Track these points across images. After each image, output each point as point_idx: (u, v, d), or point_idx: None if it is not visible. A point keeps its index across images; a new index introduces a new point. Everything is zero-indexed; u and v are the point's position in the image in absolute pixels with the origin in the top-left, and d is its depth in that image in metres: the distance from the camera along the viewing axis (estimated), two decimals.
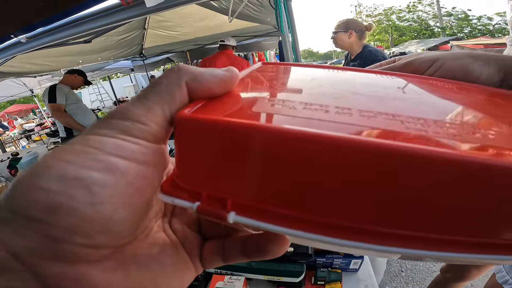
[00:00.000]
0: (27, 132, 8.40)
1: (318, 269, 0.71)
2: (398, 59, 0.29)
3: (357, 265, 0.74)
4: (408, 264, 1.81)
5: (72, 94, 2.46)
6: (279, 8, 1.21)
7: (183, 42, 4.05)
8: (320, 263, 0.73)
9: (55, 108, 2.30)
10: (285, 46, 1.28)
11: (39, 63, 2.64)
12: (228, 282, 0.67)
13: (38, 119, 10.09)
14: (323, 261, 0.73)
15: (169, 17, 2.87)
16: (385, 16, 22.61)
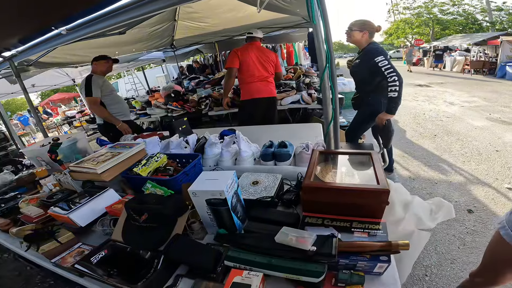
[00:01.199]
0: (69, 119, 9.25)
1: (340, 270, 0.69)
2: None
3: (382, 269, 0.71)
4: (434, 268, 1.75)
5: (106, 85, 2.61)
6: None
7: (211, 34, 4.11)
8: (343, 265, 0.71)
9: (91, 102, 2.48)
10: (317, 37, 1.21)
11: (79, 54, 2.84)
12: (246, 277, 0.67)
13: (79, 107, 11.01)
14: (346, 263, 0.71)
15: (198, 8, 2.93)
16: (426, 9, 21.36)
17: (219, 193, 0.82)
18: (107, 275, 0.73)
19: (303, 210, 0.92)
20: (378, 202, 0.81)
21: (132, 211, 0.87)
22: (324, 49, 1.23)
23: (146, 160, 1.32)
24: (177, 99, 3.82)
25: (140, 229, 0.88)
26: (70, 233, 1.02)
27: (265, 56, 2.66)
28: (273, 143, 1.56)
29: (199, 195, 0.85)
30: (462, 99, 7.16)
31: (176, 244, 0.78)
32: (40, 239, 0.97)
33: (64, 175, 1.47)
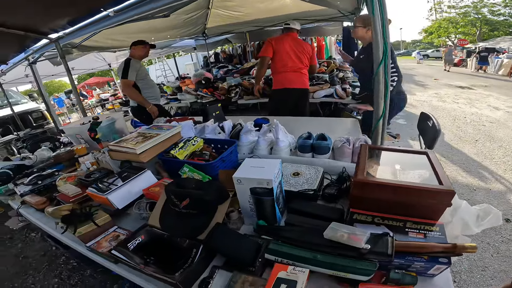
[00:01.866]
0: (103, 101, 9.77)
1: (392, 270, 0.65)
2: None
3: (438, 271, 0.67)
4: (464, 274, 1.71)
5: (142, 69, 2.69)
6: None
7: (243, 23, 4.09)
8: (396, 264, 0.67)
9: (125, 84, 2.57)
10: (374, 30, 1.17)
11: (118, 39, 2.94)
12: (292, 273, 0.63)
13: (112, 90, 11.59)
14: (400, 263, 0.67)
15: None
16: (474, 9, 19.86)
17: (267, 182, 0.77)
18: (143, 263, 0.70)
19: (350, 206, 0.86)
20: (440, 203, 0.77)
21: (173, 195, 0.83)
22: (382, 42, 1.18)
23: (183, 143, 1.30)
24: (207, 86, 3.85)
25: (179, 215, 0.84)
26: (107, 215, 0.99)
27: (301, 48, 2.60)
28: (312, 135, 1.48)
29: (244, 182, 0.80)
30: (508, 104, 6.55)
31: (217, 233, 0.74)
32: (77, 221, 0.94)
33: (103, 153, 1.50)
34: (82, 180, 1.31)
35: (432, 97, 7.62)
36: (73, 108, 10.50)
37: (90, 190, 1.08)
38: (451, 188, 0.76)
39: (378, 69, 1.20)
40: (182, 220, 0.83)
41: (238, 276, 0.68)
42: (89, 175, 1.34)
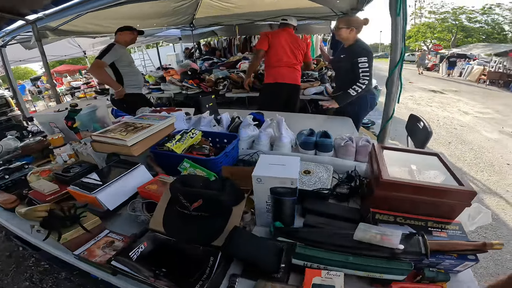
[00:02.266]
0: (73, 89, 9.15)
1: (426, 268, 0.66)
2: None
3: (465, 268, 0.70)
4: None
5: (126, 56, 2.54)
6: None
7: (234, 16, 3.96)
8: (426, 263, 0.67)
9: (96, 64, 2.39)
10: (395, 32, 1.18)
11: (101, 24, 2.74)
12: (327, 278, 0.60)
13: (85, 79, 10.93)
14: (430, 261, 0.68)
15: None
16: (453, 15, 20.67)
17: (291, 181, 0.69)
18: (153, 275, 0.59)
19: (371, 206, 0.82)
20: (462, 203, 0.78)
21: (182, 195, 0.71)
22: (401, 45, 1.21)
23: (180, 135, 1.17)
24: (193, 77, 3.67)
25: (187, 218, 0.73)
26: (97, 218, 0.82)
27: (296, 44, 2.59)
28: (314, 132, 1.43)
29: (264, 181, 0.71)
30: (476, 109, 7.06)
31: (237, 238, 0.64)
32: (60, 225, 0.76)
33: (84, 145, 1.32)
34: (59, 176, 1.13)
35: (408, 100, 7.98)
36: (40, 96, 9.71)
37: (72, 188, 0.92)
38: (473, 189, 0.76)
39: (394, 70, 1.21)
40: (192, 224, 0.71)
41: (263, 284, 0.62)
42: (67, 169, 1.16)
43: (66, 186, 1.02)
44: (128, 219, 0.90)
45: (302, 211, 0.88)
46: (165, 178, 0.96)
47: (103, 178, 0.94)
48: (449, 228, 0.77)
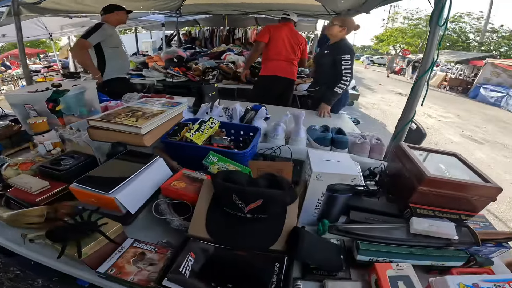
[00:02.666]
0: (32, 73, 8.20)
1: (476, 255, 0.72)
2: None
3: (500, 254, 0.77)
4: None
5: (115, 37, 2.33)
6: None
7: (226, 5, 3.80)
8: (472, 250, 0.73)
9: (80, 44, 2.16)
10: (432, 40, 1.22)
11: (87, 4, 2.42)
12: (399, 270, 0.60)
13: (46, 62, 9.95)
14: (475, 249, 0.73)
15: None
16: (425, 22, 21.24)
17: (352, 178, 0.65)
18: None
19: (410, 201, 0.84)
20: (488, 198, 0.83)
21: (236, 195, 0.61)
22: (435, 53, 1.24)
23: (198, 124, 1.06)
24: (179, 64, 3.45)
25: (240, 221, 0.63)
26: (118, 224, 0.66)
27: (296, 39, 2.59)
28: (329, 128, 1.40)
29: (324, 178, 0.66)
30: (438, 113, 7.72)
31: (303, 240, 0.58)
32: (76, 236, 0.59)
33: (77, 131, 1.14)
34: (47, 169, 0.92)
35: (380, 101, 8.47)
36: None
37: (78, 186, 0.74)
38: (499, 186, 0.82)
39: (424, 75, 1.25)
40: (246, 228, 0.62)
41: (331, 284, 0.59)
42: (57, 162, 0.96)
43: (57, 182, 0.86)
44: (150, 223, 0.76)
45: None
46: (191, 173, 0.85)
47: (116, 174, 0.80)
48: (478, 220, 0.84)
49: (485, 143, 5.29)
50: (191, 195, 0.73)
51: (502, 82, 11.26)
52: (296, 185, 0.76)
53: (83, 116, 1.52)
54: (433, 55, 1.21)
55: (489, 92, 10.60)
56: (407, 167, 0.92)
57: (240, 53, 4.46)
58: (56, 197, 0.84)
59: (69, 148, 1.16)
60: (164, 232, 0.72)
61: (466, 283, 0.55)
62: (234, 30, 6.35)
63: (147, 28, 7.36)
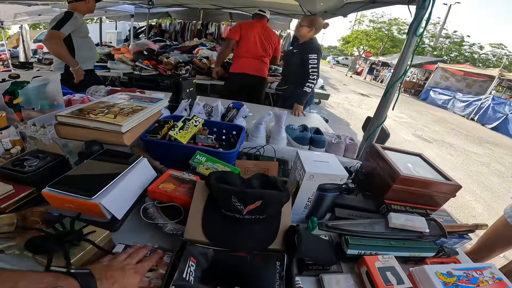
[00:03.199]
0: None
1: (444, 246, 0.80)
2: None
3: (462, 244, 0.88)
4: None
5: (84, 27, 2.19)
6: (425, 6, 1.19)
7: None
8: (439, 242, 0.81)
9: (55, 36, 2.00)
10: (408, 48, 1.31)
11: None
12: (385, 261, 0.66)
13: None
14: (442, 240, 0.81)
15: None
16: (388, 25, 22.76)
17: (341, 178, 0.70)
18: None
19: (386, 198, 0.92)
20: (449, 194, 0.93)
21: (235, 197, 0.60)
22: (409, 60, 1.33)
23: (182, 122, 1.03)
24: (149, 57, 3.26)
25: (238, 222, 0.63)
26: (106, 231, 0.62)
27: (268, 37, 2.63)
28: (307, 127, 1.46)
29: (316, 178, 0.69)
30: (393, 114, 8.41)
31: (301, 238, 0.59)
32: (60, 246, 0.53)
33: (43, 128, 1.03)
34: (8, 171, 0.81)
35: (344, 101, 8.95)
36: None
37: (51, 190, 0.67)
38: (458, 183, 0.93)
39: (397, 82, 1.33)
40: (245, 229, 0.62)
41: (328, 278, 0.63)
42: (19, 162, 0.85)
43: (22, 186, 0.77)
44: (137, 228, 0.72)
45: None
46: (178, 174, 0.83)
47: (96, 177, 0.74)
48: (441, 214, 0.96)
49: (433, 142, 5.93)
50: (183, 198, 0.71)
51: (450, 86, 12.67)
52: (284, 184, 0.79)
53: (44, 111, 1.37)
54: (407, 63, 1.31)
55: (438, 95, 11.84)
56: (381, 166, 1.00)
57: (213, 48, 4.37)
58: (22, 202, 0.76)
59: (31, 146, 1.05)
60: (155, 236, 0.69)
61: (442, 271, 0.63)
62: (207, 24, 6.18)
63: (113, 19, 6.83)
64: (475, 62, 21.07)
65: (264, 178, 0.71)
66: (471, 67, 13.09)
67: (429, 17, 1.20)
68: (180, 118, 1.13)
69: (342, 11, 2.46)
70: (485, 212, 3.25)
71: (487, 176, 4.45)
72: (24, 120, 1.24)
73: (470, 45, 22.28)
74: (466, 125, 8.79)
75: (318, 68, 2.14)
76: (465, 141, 6.64)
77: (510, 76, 9.62)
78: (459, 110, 10.56)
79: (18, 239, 0.61)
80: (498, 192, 3.90)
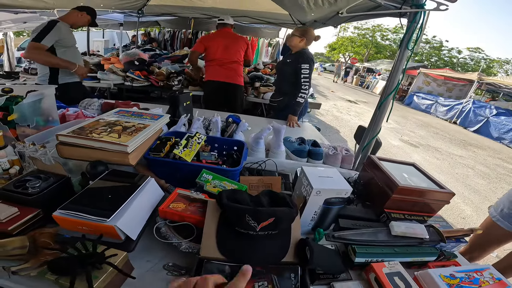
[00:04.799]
0: None
1: (444, 250, 0.85)
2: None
3: (459, 248, 0.93)
4: None
5: (69, 37, 2.13)
6: (417, 20, 1.21)
7: (194, 8, 3.70)
8: (438, 246, 0.86)
9: (34, 47, 1.94)
10: (400, 61, 1.34)
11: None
12: (392, 267, 0.70)
13: None
14: (442, 245, 0.86)
15: None
16: (372, 32, 23.27)
17: (345, 192, 0.73)
18: None
19: (385, 207, 0.97)
20: (444, 202, 0.98)
21: (249, 215, 0.63)
22: (401, 74, 1.36)
23: (185, 140, 1.05)
24: (140, 68, 3.25)
25: (252, 238, 0.65)
26: (124, 252, 0.62)
27: (235, 42, 2.69)
28: (305, 140, 1.50)
29: (322, 194, 0.73)
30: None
31: (313, 249, 0.63)
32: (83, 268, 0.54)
33: (43, 148, 1.02)
34: (10, 193, 0.79)
35: (332, 108, 9.12)
36: None
37: (63, 213, 0.67)
38: (452, 191, 0.99)
39: (389, 96, 1.40)
40: (259, 244, 0.65)
41: (339, 285, 0.67)
42: (21, 184, 0.83)
43: (26, 208, 0.76)
44: (149, 247, 0.73)
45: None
46: (186, 192, 0.84)
47: (107, 198, 0.74)
48: (439, 220, 1.01)
49: (420, 147, 6.13)
50: (194, 217, 0.72)
51: (431, 90, 13.14)
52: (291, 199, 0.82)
53: (39, 127, 1.35)
54: (399, 76, 1.35)
55: (421, 99, 12.26)
56: (379, 177, 1.05)
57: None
58: (29, 224, 0.75)
59: (29, 166, 1.03)
60: (168, 255, 0.71)
61: (445, 274, 0.68)
62: (197, 33, 6.23)
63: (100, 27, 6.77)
64: (454, 66, 21.86)
65: (272, 194, 0.74)
66: (451, 72, 13.59)
67: (421, 31, 1.24)
68: (181, 134, 1.14)
69: (333, 21, 2.53)
70: (474, 214, 3.38)
71: (473, 178, 4.64)
72: (19, 137, 1.22)
73: (449, 49, 23.09)
74: (449, 129, 9.13)
75: (310, 78, 2.18)
76: (449, 144, 6.90)
77: (488, 80, 10.02)
78: (442, 114, 10.97)
79: (32, 261, 0.61)
80: (484, 194, 4.06)
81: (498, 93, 12.65)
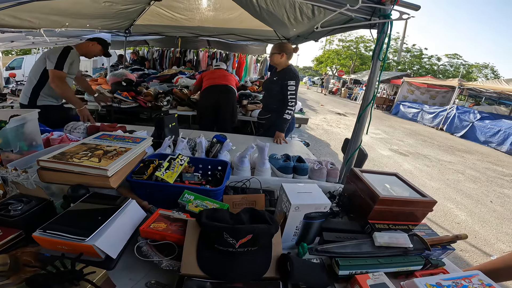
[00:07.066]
0: None
1: (430, 258, 0.85)
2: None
3: (447, 255, 0.93)
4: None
5: (76, 66, 2.24)
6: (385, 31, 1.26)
7: (180, 27, 3.81)
8: (424, 255, 0.86)
9: (58, 76, 2.04)
10: (374, 73, 1.38)
11: (20, 17, 2.18)
12: (376, 279, 0.69)
13: None
14: (427, 253, 0.87)
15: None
16: (355, 43, 23.75)
17: (324, 206, 0.74)
18: None
19: (369, 218, 0.97)
20: (427, 210, 1.01)
21: (227, 233, 0.64)
22: (375, 85, 1.40)
23: (167, 162, 1.05)
24: (128, 89, 3.26)
25: (231, 255, 0.66)
26: (103, 270, 0.62)
27: (228, 75, 3.22)
28: (290, 156, 1.53)
29: (301, 209, 0.74)
30: (369, 131, 8.80)
31: (295, 265, 0.63)
32: (61, 285, 0.55)
33: (25, 173, 1.01)
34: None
35: (322, 122, 9.25)
36: None
37: (43, 234, 0.68)
38: (434, 199, 1.01)
39: (367, 107, 1.41)
40: (239, 261, 0.66)
41: None
42: (4, 206, 0.85)
43: (8, 228, 0.76)
44: (131, 265, 0.73)
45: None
46: (168, 213, 0.84)
47: (87, 219, 0.75)
48: (423, 228, 1.01)
49: (409, 155, 6.23)
50: (175, 236, 0.73)
51: (416, 99, 13.43)
52: (272, 215, 0.83)
53: (23, 152, 1.34)
54: (374, 87, 1.39)
55: (407, 108, 12.54)
56: (361, 189, 1.07)
57: (192, 76, 4.46)
58: (11, 244, 0.75)
59: (13, 190, 1.01)
60: (149, 273, 0.71)
61: (431, 282, 0.68)
62: (185, 51, 6.36)
63: None
64: (435, 73, 22.41)
65: (252, 212, 0.75)
66: (433, 79, 13.87)
67: (389, 41, 1.30)
68: (165, 156, 1.15)
69: (313, 36, 2.63)
70: (469, 218, 3.41)
71: (464, 183, 4.72)
72: (3, 162, 1.20)
73: (428, 57, 23.67)
74: (436, 136, 9.35)
75: (296, 94, 2.22)
76: (438, 151, 7.04)
77: (469, 85, 10.26)
78: (428, 122, 11.24)
79: (12, 277, 0.62)
80: (477, 197, 4.12)
81: (481, 97, 13.06)
